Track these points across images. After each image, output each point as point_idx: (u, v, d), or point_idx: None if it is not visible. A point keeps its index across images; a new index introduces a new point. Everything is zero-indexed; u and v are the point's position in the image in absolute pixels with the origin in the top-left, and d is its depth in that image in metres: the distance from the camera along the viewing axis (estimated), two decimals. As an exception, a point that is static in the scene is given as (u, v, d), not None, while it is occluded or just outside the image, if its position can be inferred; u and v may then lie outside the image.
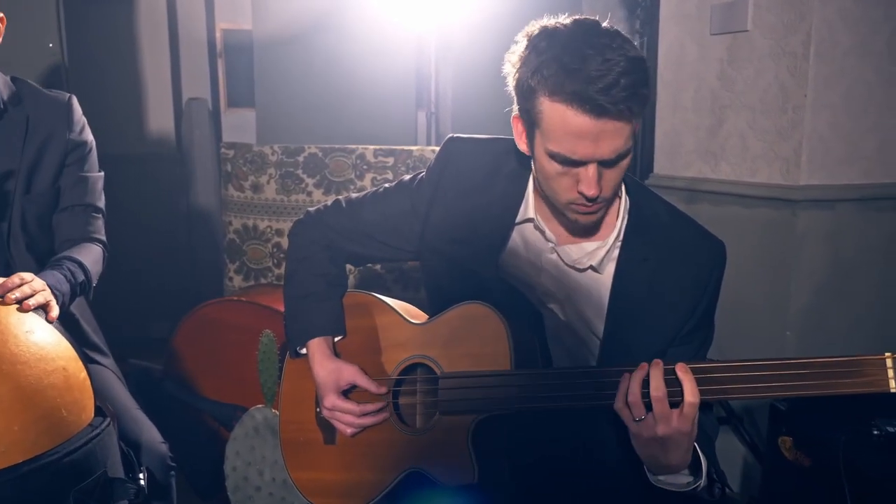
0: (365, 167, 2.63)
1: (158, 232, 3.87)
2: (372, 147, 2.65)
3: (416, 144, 3.63)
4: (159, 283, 3.84)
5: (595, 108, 1.08)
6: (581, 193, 1.15)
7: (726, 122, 2.40)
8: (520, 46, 1.16)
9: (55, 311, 1.33)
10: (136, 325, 3.67)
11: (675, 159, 2.63)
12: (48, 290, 1.34)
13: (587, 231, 1.28)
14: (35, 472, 1.13)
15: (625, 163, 1.16)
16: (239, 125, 4.05)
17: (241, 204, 2.71)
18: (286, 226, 2.68)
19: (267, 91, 3.39)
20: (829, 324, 2.25)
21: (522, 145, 1.23)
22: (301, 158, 2.66)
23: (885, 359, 1.01)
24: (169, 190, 3.91)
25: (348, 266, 1.54)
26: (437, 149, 2.65)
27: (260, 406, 1.94)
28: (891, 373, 1.00)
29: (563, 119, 1.10)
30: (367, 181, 2.63)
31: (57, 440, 1.18)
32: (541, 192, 1.27)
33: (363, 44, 3.28)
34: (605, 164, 1.14)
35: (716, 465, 1.21)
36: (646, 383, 1.10)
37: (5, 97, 1.58)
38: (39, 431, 1.16)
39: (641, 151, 2.70)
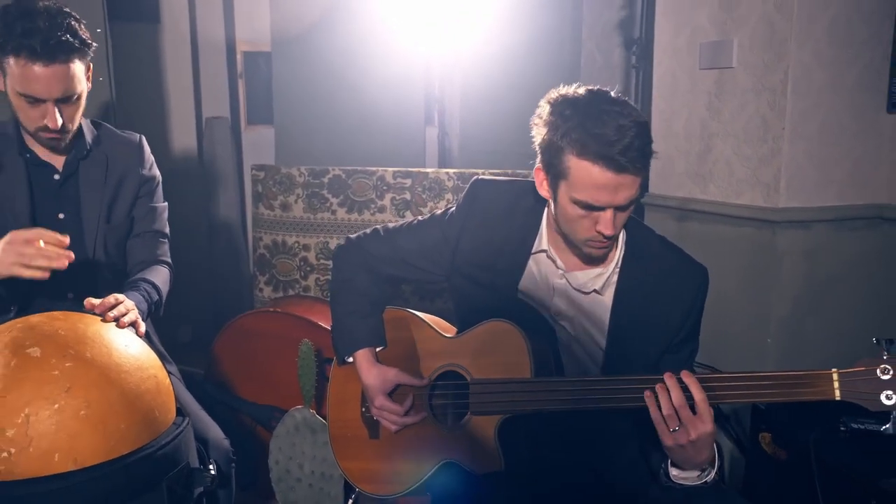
0: (385, 188, 2.87)
1: (182, 244, 4.09)
2: (391, 169, 2.88)
3: (424, 161, 3.86)
4: (183, 292, 4.05)
5: (616, 167, 1.32)
6: (599, 232, 1.39)
7: (714, 149, 2.64)
8: (543, 111, 1.41)
9: (142, 328, 1.57)
10: (162, 331, 3.90)
11: (668, 180, 2.87)
12: (136, 310, 1.58)
13: (592, 260, 1.52)
14: (138, 462, 1.36)
15: (633, 207, 1.41)
16: (258, 142, 4.26)
17: (270, 221, 2.95)
18: (312, 241, 2.92)
19: (284, 109, 3.62)
20: (805, 333, 2.50)
21: (544, 192, 1.46)
22: (326, 179, 2.90)
23: (831, 373, 1.25)
24: (192, 204, 4.13)
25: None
26: (450, 171, 2.90)
27: (299, 407, 2.17)
28: (836, 384, 1.25)
29: (588, 174, 1.34)
30: (386, 200, 2.87)
31: (152, 436, 1.41)
32: (556, 228, 1.50)
33: (373, 66, 3.51)
34: (619, 208, 1.38)
35: (722, 460, 1.45)
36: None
37: (89, 140, 1.82)
38: (139, 429, 1.39)
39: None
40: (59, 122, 1.66)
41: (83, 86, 1.70)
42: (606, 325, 1.51)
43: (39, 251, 1.46)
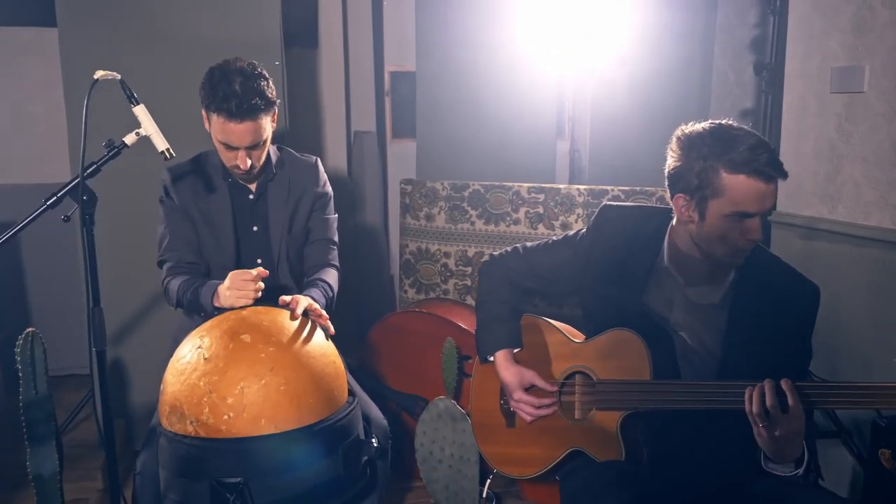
0: (520, 202, 3.13)
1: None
2: (526, 185, 3.14)
3: (555, 174, 4.07)
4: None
5: (766, 177, 1.54)
6: (748, 240, 1.59)
7: (843, 171, 2.71)
8: (677, 145, 1.62)
9: (331, 328, 1.89)
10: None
11: (796, 199, 2.95)
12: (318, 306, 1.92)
13: (712, 276, 1.71)
14: (322, 430, 1.68)
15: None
16: (401, 154, 4.62)
17: (416, 230, 3.28)
18: (452, 249, 3.23)
19: (426, 124, 3.94)
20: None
21: (685, 215, 1.65)
22: (466, 193, 3.20)
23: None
24: (340, 211, 4.54)
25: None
26: (581, 187, 3.12)
27: (442, 397, 2.47)
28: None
29: (745, 185, 1.55)
30: (521, 214, 3.13)
31: (332, 410, 1.72)
32: (678, 247, 1.70)
33: (509, 86, 3.76)
34: (763, 215, 1.59)
35: (815, 458, 1.62)
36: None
37: (275, 164, 2.20)
38: (323, 404, 1.71)
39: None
40: (249, 164, 2.04)
41: (268, 132, 2.07)
42: (722, 336, 1.70)
43: (253, 289, 1.87)
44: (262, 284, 1.89)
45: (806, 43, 2.82)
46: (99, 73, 1.71)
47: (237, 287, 1.88)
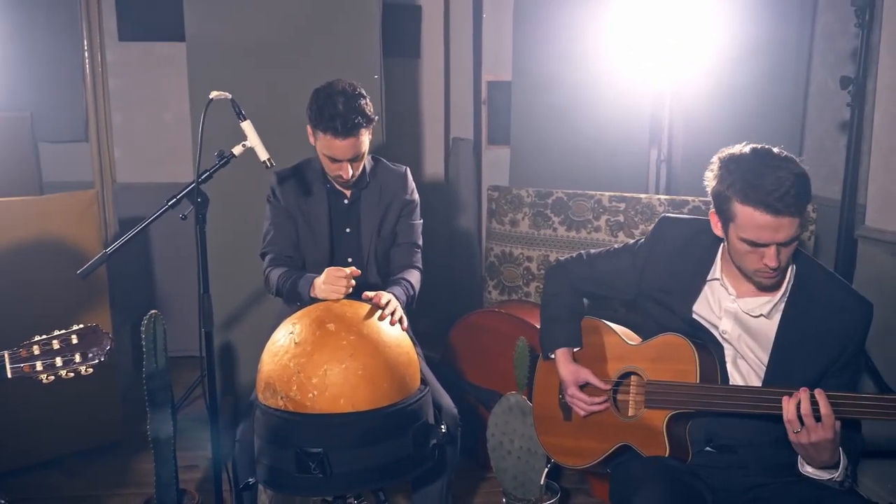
0: (601, 210, 3.24)
1: (425, 249, 4.73)
2: (608, 194, 3.24)
3: (647, 185, 4.13)
4: (424, 291, 4.70)
5: (774, 211, 1.60)
6: (765, 265, 1.67)
7: (933, 186, 2.66)
8: (714, 165, 1.72)
9: (405, 322, 2.09)
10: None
11: (886, 214, 2.91)
12: (399, 305, 2.12)
13: (763, 288, 1.79)
14: (394, 413, 1.86)
15: (795, 243, 1.67)
16: (495, 161, 4.78)
17: (501, 234, 3.45)
18: (535, 254, 3.37)
19: (520, 132, 4.09)
20: None
21: (718, 231, 1.76)
22: (550, 200, 3.34)
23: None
24: (436, 214, 4.75)
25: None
26: (662, 197, 3.21)
27: (514, 392, 2.63)
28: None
29: (752, 217, 1.63)
30: (602, 222, 3.24)
31: (404, 395, 1.89)
32: (730, 260, 1.80)
33: (602, 97, 3.86)
34: (781, 244, 1.65)
35: (854, 466, 1.68)
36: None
37: (369, 172, 2.43)
38: (396, 389, 1.90)
39: (847, 205, 3.00)
40: (350, 173, 2.27)
41: (367, 146, 2.30)
42: (770, 346, 1.77)
43: (345, 286, 2.07)
44: (353, 282, 2.11)
45: (896, 56, 2.78)
46: (214, 94, 1.98)
47: (331, 282, 2.10)
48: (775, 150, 1.67)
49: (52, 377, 1.70)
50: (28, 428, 2.90)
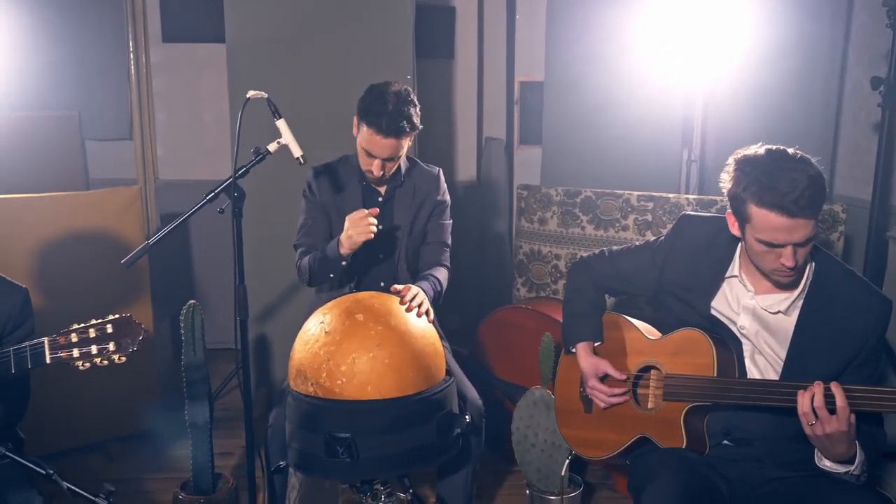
0: (629, 209, 3.27)
1: (456, 247, 4.79)
2: (636, 193, 3.27)
3: (679, 184, 4.13)
4: (454, 288, 4.75)
5: (788, 213, 1.63)
6: (782, 264, 1.70)
7: (964, 187, 2.64)
8: (731, 167, 1.75)
9: (432, 315, 2.16)
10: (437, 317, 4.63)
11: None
12: (426, 297, 2.18)
13: (782, 286, 1.81)
14: (419, 401, 1.92)
15: (811, 243, 1.69)
16: (527, 160, 4.82)
17: (529, 233, 3.50)
18: (563, 252, 3.42)
19: (552, 132, 4.11)
20: None
21: (735, 231, 1.79)
22: (578, 199, 3.38)
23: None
24: (468, 212, 4.81)
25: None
26: (690, 196, 3.23)
27: (538, 387, 2.68)
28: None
29: (767, 219, 1.66)
30: (629, 221, 3.27)
31: (429, 385, 1.95)
32: (749, 259, 1.83)
33: (634, 98, 3.87)
34: (797, 245, 1.68)
35: (872, 462, 1.69)
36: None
37: (403, 172, 2.50)
38: (421, 378, 1.97)
39: (878, 206, 2.98)
40: (381, 172, 2.34)
41: (405, 151, 2.37)
42: (788, 342, 1.80)
43: (368, 223, 2.16)
44: (375, 221, 2.18)
45: (929, 57, 2.76)
46: (251, 93, 2.07)
47: (355, 225, 2.18)
48: (790, 150, 1.69)
49: (88, 364, 1.76)
50: (71, 414, 3.05)
